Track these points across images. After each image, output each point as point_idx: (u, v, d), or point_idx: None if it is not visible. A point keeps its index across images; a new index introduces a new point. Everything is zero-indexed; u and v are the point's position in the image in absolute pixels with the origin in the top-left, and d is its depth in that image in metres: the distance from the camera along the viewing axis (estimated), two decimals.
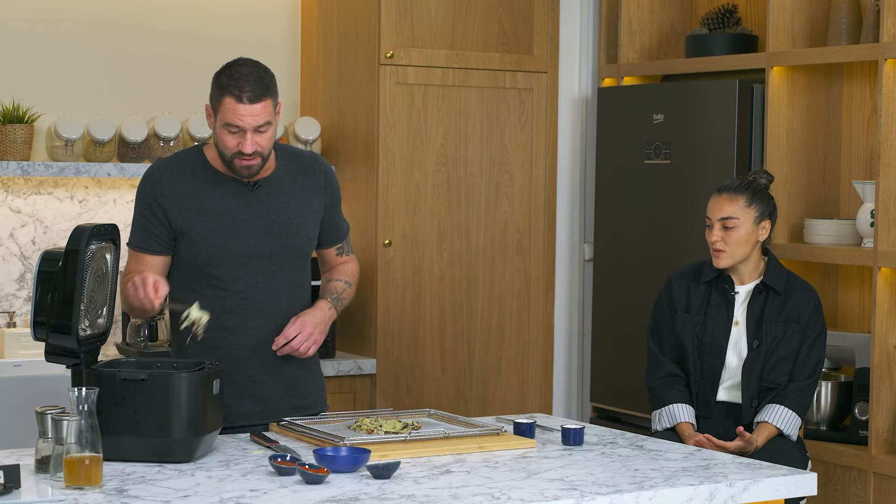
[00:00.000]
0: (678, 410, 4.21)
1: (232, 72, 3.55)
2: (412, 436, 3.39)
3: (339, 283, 3.84)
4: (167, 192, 3.63)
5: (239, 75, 3.53)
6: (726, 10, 5.19)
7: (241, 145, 3.53)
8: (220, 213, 3.63)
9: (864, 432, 4.61)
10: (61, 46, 5.03)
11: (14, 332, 4.75)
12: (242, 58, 3.62)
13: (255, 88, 3.52)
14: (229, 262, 3.64)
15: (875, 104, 4.82)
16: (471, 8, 5.24)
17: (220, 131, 3.56)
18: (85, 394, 2.91)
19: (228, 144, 3.55)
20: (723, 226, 4.18)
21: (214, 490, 2.91)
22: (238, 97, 3.51)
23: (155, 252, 3.64)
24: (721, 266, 4.20)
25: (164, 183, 3.63)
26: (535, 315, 5.41)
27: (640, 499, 2.97)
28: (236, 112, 3.51)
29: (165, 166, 3.67)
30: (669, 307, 4.31)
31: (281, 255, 3.68)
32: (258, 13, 5.37)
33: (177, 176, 3.64)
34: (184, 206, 3.63)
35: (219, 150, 3.60)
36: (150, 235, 3.64)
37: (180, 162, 3.68)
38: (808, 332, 4.20)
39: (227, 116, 3.53)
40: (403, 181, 5.12)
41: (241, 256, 3.64)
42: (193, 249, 3.63)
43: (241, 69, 3.55)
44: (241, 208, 3.65)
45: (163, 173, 3.65)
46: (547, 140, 5.41)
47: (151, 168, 3.69)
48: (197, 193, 3.64)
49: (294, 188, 3.72)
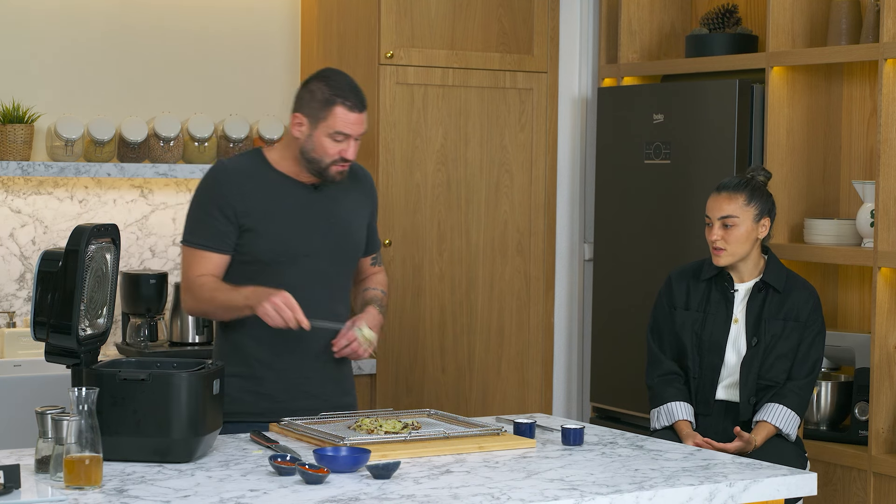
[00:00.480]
0: (676, 408, 4.21)
1: (334, 82, 3.71)
2: (412, 436, 3.40)
3: (377, 291, 3.96)
4: (236, 191, 3.72)
5: (344, 85, 3.70)
6: (726, 10, 5.19)
7: (345, 152, 3.70)
8: (285, 212, 3.75)
9: (864, 432, 4.61)
10: (61, 46, 5.03)
11: (14, 332, 4.75)
12: (331, 68, 3.79)
13: (361, 98, 3.72)
14: (293, 260, 3.75)
15: (875, 104, 4.82)
16: (471, 8, 5.24)
17: (323, 139, 3.70)
18: (85, 394, 2.91)
19: (330, 151, 3.70)
20: (722, 224, 4.19)
21: (214, 490, 2.91)
22: (350, 106, 3.68)
23: (222, 251, 3.73)
24: (721, 264, 4.21)
25: (233, 182, 3.73)
26: (535, 315, 5.41)
27: (640, 499, 2.97)
28: (347, 120, 3.68)
29: (232, 166, 3.78)
30: (669, 305, 4.32)
31: (338, 256, 3.83)
32: (258, 13, 5.37)
33: (244, 176, 3.75)
34: (252, 205, 3.72)
35: (312, 156, 3.72)
36: (218, 234, 3.72)
37: (244, 163, 3.79)
38: (808, 330, 4.20)
39: (336, 125, 3.68)
40: (403, 181, 5.12)
41: (304, 256, 3.76)
42: (260, 247, 3.73)
43: (343, 79, 3.72)
44: (305, 209, 3.77)
45: (231, 173, 3.75)
46: (547, 140, 5.41)
47: (217, 168, 3.78)
48: (264, 193, 3.74)
49: (348, 194, 3.87)
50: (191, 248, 3.75)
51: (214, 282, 3.71)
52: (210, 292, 3.70)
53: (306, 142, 3.72)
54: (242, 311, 3.68)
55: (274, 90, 5.42)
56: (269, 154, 3.82)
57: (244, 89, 5.35)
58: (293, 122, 3.74)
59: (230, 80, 5.33)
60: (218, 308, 3.72)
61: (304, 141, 3.72)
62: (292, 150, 3.78)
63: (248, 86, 5.37)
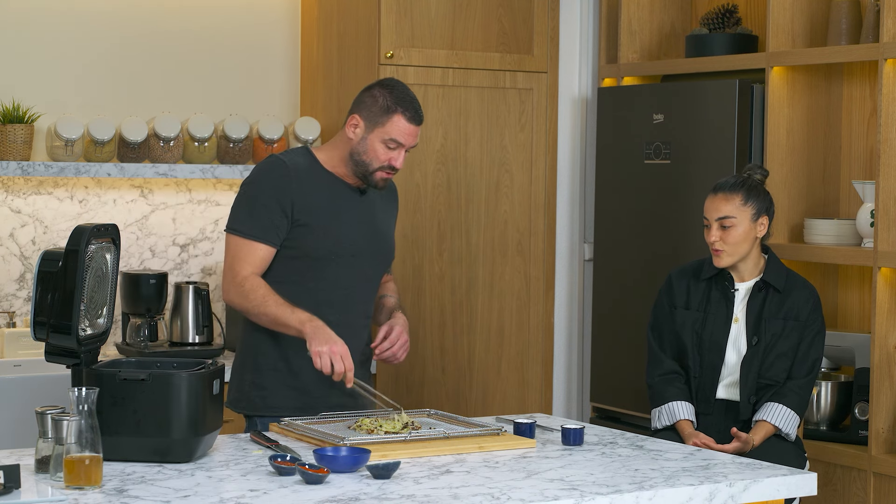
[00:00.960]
0: (678, 408, 4.21)
1: (398, 92, 3.79)
2: (412, 436, 3.40)
3: (395, 299, 4.05)
4: (296, 186, 3.77)
5: (407, 96, 3.78)
6: (726, 10, 5.19)
7: (394, 160, 3.79)
8: (337, 212, 3.82)
9: (864, 432, 4.61)
10: (61, 47, 5.03)
11: (14, 332, 4.75)
12: (395, 79, 3.86)
13: (420, 112, 3.81)
14: (340, 258, 3.82)
15: (875, 104, 4.82)
16: (471, 8, 5.24)
17: (377, 144, 3.77)
18: (85, 394, 2.91)
19: (381, 157, 3.78)
20: (720, 225, 4.19)
21: (214, 490, 2.91)
22: (409, 118, 3.77)
23: (272, 244, 3.77)
24: (722, 265, 4.21)
25: (292, 177, 3.78)
26: (535, 315, 5.41)
27: (640, 499, 2.97)
28: (405, 130, 3.76)
29: (290, 161, 3.82)
30: (669, 304, 4.32)
31: (377, 258, 3.93)
32: (258, 13, 5.38)
33: (303, 172, 3.81)
34: (309, 201, 3.78)
35: (362, 159, 3.79)
36: (271, 226, 3.76)
37: (299, 159, 3.84)
38: (808, 329, 4.21)
39: (393, 132, 3.75)
40: (403, 181, 5.12)
41: (350, 255, 3.83)
42: (312, 243, 3.78)
43: (406, 90, 3.81)
44: (353, 210, 3.85)
45: (290, 167, 3.80)
46: (547, 140, 5.41)
47: (274, 162, 3.82)
48: (319, 190, 3.80)
49: (382, 201, 3.96)
50: (239, 237, 3.78)
51: (267, 289, 3.73)
52: (262, 299, 3.71)
53: (359, 144, 3.79)
54: (290, 332, 3.71)
55: (274, 90, 5.42)
56: (318, 154, 3.88)
57: (244, 89, 5.35)
58: (349, 122, 3.81)
59: (230, 80, 5.33)
60: (264, 317, 3.73)
61: (357, 143, 3.79)
62: (341, 151, 3.85)
63: (248, 86, 5.37)
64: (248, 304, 3.74)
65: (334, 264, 3.81)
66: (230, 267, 3.79)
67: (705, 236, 4.22)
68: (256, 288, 3.73)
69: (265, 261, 3.78)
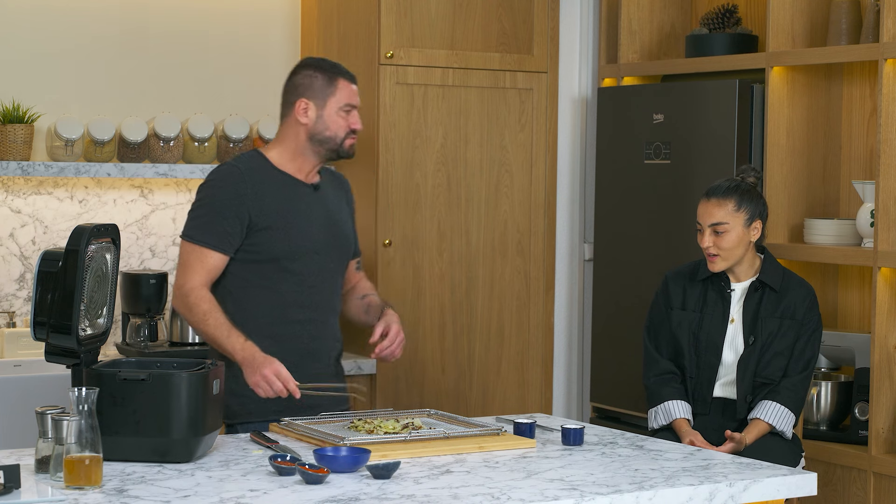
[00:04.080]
0: (673, 407, 4.21)
1: (324, 63, 3.87)
2: (412, 436, 3.40)
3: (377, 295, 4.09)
4: (251, 192, 3.77)
5: (334, 63, 3.86)
6: (726, 10, 5.19)
7: (354, 123, 3.84)
8: (297, 211, 3.82)
9: (864, 432, 4.61)
10: (61, 46, 5.03)
11: (14, 332, 4.75)
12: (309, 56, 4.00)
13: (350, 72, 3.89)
14: (304, 256, 3.82)
15: (875, 104, 4.82)
16: (471, 8, 5.24)
17: (334, 116, 3.83)
18: (85, 394, 2.91)
19: (342, 125, 3.84)
20: (713, 231, 4.20)
21: (214, 490, 2.91)
22: (350, 79, 3.86)
23: (225, 252, 3.77)
24: (717, 270, 4.22)
25: (248, 183, 3.78)
26: (535, 315, 5.41)
27: (640, 499, 2.97)
28: (353, 91, 3.85)
29: (244, 166, 3.82)
30: (665, 305, 4.33)
31: (338, 253, 3.93)
32: (258, 13, 5.37)
33: (256, 175, 3.80)
34: (267, 204, 3.77)
35: (326, 136, 3.82)
36: (225, 234, 3.76)
37: (252, 164, 3.84)
38: (804, 327, 4.21)
39: (345, 97, 3.83)
40: (403, 181, 5.12)
41: (313, 252, 3.84)
42: (276, 244, 3.78)
43: (327, 60, 3.88)
44: (311, 207, 3.85)
45: (245, 173, 3.79)
46: (547, 140, 5.41)
47: (229, 169, 3.82)
48: (275, 192, 3.80)
49: (335, 196, 3.97)
50: (193, 244, 3.78)
51: (210, 305, 3.72)
52: (203, 315, 3.72)
53: (316, 123, 3.82)
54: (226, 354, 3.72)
55: (274, 90, 5.39)
56: (269, 154, 3.88)
57: (244, 89, 5.35)
58: (298, 109, 3.83)
59: (230, 80, 5.32)
60: (203, 335, 3.77)
61: (315, 123, 3.82)
62: (292, 144, 3.85)
63: (248, 86, 5.36)
64: (190, 317, 3.75)
65: (298, 263, 3.81)
66: (181, 274, 3.79)
67: (699, 241, 4.23)
68: (199, 303, 3.72)
69: (217, 269, 3.78)
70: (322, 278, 3.87)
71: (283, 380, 3.61)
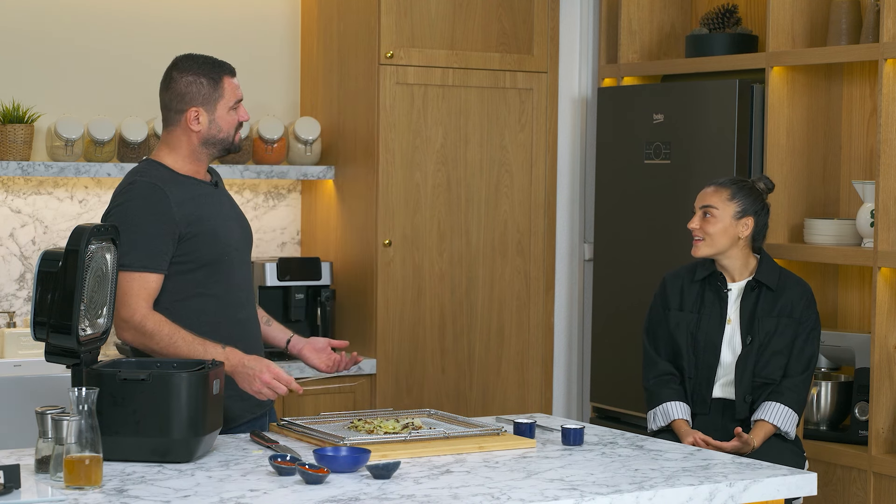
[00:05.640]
0: (672, 408, 4.22)
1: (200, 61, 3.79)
2: (412, 436, 3.40)
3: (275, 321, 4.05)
4: (174, 204, 3.64)
5: (210, 60, 3.80)
6: (726, 10, 5.19)
7: (243, 116, 3.80)
8: (211, 213, 3.73)
9: (864, 432, 4.61)
10: (61, 46, 5.03)
11: (14, 332, 4.75)
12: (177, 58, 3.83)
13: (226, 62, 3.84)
14: (230, 256, 3.75)
15: (875, 104, 4.82)
16: (471, 8, 5.24)
17: (225, 115, 3.76)
18: (85, 394, 2.91)
19: (233, 122, 3.77)
20: (703, 213, 4.22)
21: (214, 490, 2.91)
22: (230, 72, 3.82)
23: (163, 271, 3.64)
24: (698, 255, 4.23)
25: (169, 196, 3.64)
26: (535, 315, 5.41)
27: (640, 499, 2.97)
28: (236, 86, 3.81)
29: (160, 181, 3.67)
30: (663, 306, 4.33)
31: (249, 245, 3.90)
32: (258, 14, 5.37)
33: (171, 187, 3.67)
34: (188, 211, 3.66)
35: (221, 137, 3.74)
36: (158, 253, 3.62)
37: (160, 175, 3.69)
38: (802, 326, 4.21)
39: (233, 95, 3.78)
40: (403, 181, 5.12)
41: (235, 250, 3.77)
42: (204, 250, 3.68)
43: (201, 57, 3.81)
44: (220, 206, 3.79)
45: (163, 187, 3.65)
46: (547, 140, 5.41)
47: (148, 188, 3.65)
48: (191, 199, 3.69)
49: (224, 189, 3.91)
50: (132, 273, 3.59)
51: (171, 327, 3.58)
52: (169, 339, 3.57)
53: (210, 128, 3.73)
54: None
55: (274, 90, 5.42)
56: (165, 162, 3.74)
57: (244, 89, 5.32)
58: (189, 118, 3.70)
59: None
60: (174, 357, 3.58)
61: (208, 129, 3.72)
62: (185, 151, 3.73)
63: (248, 86, 5.34)
64: (153, 345, 3.59)
65: (226, 263, 3.74)
66: (124, 305, 3.58)
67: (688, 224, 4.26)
68: (159, 327, 3.58)
69: (157, 290, 3.64)
70: (245, 274, 3.83)
71: (284, 381, 3.59)
